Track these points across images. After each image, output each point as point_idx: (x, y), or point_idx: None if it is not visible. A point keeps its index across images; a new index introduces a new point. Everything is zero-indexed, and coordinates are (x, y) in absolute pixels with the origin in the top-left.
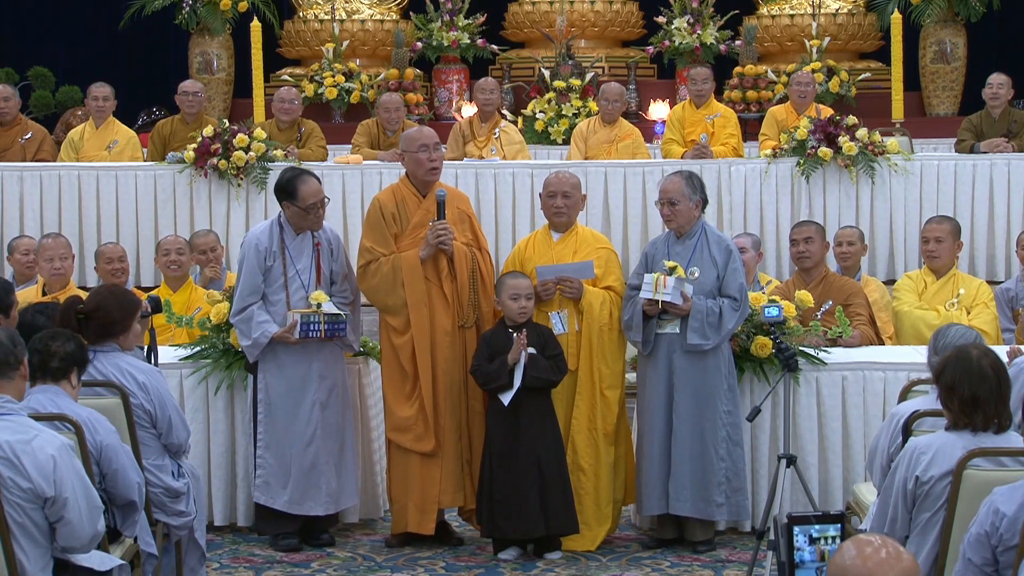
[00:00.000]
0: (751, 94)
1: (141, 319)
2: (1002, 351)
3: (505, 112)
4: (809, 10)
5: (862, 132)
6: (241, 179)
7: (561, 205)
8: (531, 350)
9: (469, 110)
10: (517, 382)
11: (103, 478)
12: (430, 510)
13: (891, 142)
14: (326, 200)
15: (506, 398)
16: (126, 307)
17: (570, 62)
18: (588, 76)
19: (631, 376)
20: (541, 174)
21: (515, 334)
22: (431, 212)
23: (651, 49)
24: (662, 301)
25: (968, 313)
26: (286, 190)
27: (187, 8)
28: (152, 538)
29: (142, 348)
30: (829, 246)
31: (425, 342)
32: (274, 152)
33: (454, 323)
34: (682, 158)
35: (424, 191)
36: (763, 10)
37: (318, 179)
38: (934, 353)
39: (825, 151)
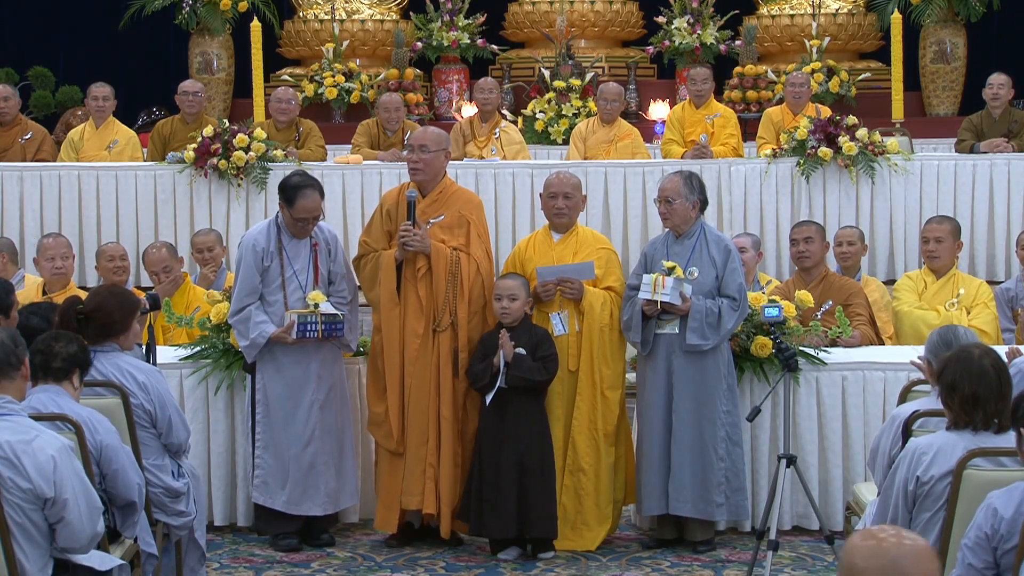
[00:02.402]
0: (751, 94)
1: (140, 317)
2: (1002, 351)
3: (505, 112)
4: (809, 10)
5: (862, 132)
6: (241, 179)
7: (562, 206)
8: (520, 350)
9: (469, 110)
10: (499, 382)
11: (103, 478)
12: (393, 509)
13: (891, 142)
14: (321, 218)
15: (488, 397)
16: (126, 307)
17: (570, 62)
18: (588, 76)
19: (631, 376)
20: (541, 174)
21: (502, 332)
22: (426, 212)
23: (651, 49)
24: (661, 301)
25: (968, 313)
26: (286, 195)
27: (187, 8)
28: (152, 538)
29: (141, 346)
30: (829, 246)
31: (393, 342)
32: (274, 152)
33: (427, 326)
34: (682, 158)
35: (423, 191)
36: (763, 10)
37: (322, 194)
38: (945, 350)
39: (825, 151)
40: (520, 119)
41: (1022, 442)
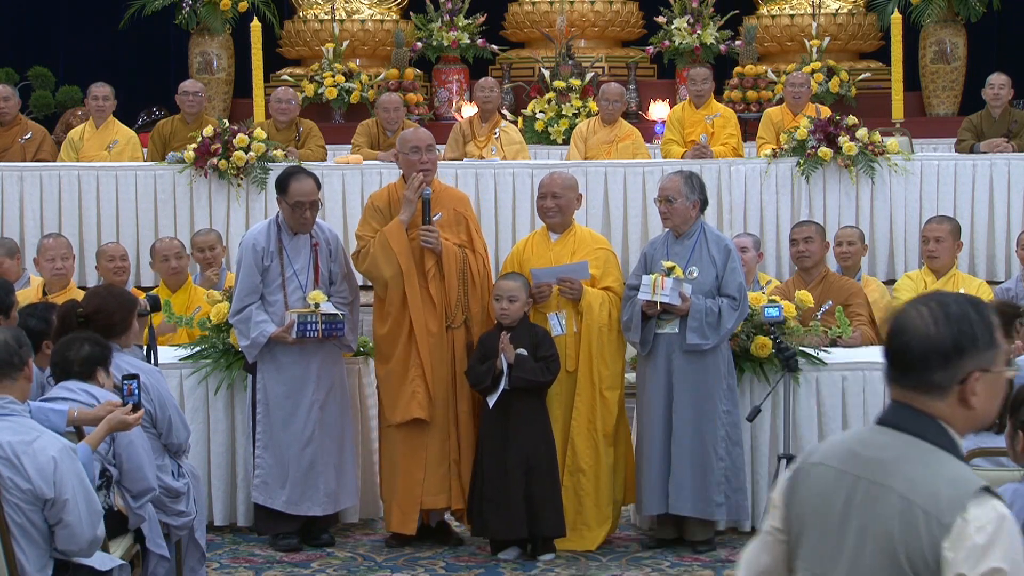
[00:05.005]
0: (751, 94)
1: (139, 318)
2: None
3: (505, 112)
4: (809, 10)
5: (862, 132)
6: (241, 179)
7: (551, 206)
8: (521, 351)
9: (469, 110)
10: (502, 384)
11: (116, 457)
12: (412, 510)
13: (891, 142)
14: (319, 203)
15: (491, 400)
16: (125, 307)
17: (570, 62)
18: (588, 76)
19: (630, 376)
20: (541, 174)
21: (502, 335)
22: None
23: (651, 49)
24: (660, 302)
25: None
26: (280, 184)
27: (187, 8)
28: (163, 540)
29: (141, 347)
30: (829, 246)
31: (416, 298)
32: (274, 152)
33: (441, 324)
34: (682, 158)
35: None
36: (763, 10)
37: (318, 182)
38: None
39: (825, 151)
40: (520, 119)
41: (1016, 440)
